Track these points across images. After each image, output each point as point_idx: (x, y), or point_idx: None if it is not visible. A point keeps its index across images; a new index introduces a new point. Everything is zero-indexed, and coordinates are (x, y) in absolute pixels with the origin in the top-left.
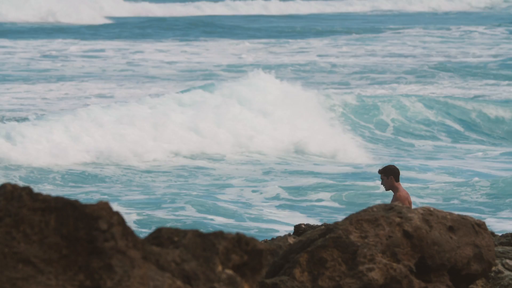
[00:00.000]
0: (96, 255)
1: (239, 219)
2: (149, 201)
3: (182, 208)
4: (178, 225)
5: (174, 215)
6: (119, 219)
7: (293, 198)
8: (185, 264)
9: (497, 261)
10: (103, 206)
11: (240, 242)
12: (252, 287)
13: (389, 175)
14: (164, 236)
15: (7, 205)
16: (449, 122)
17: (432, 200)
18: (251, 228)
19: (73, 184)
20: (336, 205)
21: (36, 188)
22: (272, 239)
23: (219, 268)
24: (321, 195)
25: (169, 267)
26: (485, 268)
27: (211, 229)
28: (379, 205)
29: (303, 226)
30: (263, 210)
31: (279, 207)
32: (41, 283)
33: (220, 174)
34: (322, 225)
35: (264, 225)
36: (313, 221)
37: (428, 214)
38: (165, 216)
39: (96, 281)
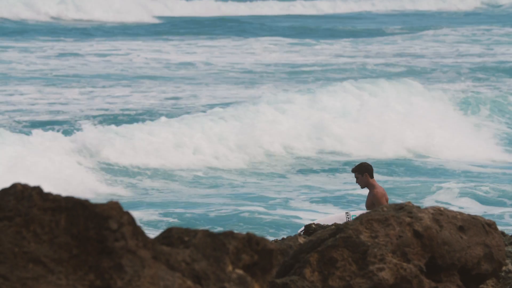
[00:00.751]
0: (106, 255)
1: None
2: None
3: None
4: None
5: None
6: (129, 219)
7: None
8: (195, 264)
9: (507, 261)
10: (113, 206)
11: (251, 241)
12: (263, 287)
13: (364, 172)
14: (174, 236)
15: (17, 204)
16: None
17: None
18: None
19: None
20: None
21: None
22: (283, 238)
23: (230, 268)
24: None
25: (179, 267)
26: (496, 267)
27: None
28: (390, 204)
29: (313, 225)
30: None
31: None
32: (52, 282)
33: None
34: (332, 225)
35: None
36: None
37: (439, 213)
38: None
39: (106, 280)
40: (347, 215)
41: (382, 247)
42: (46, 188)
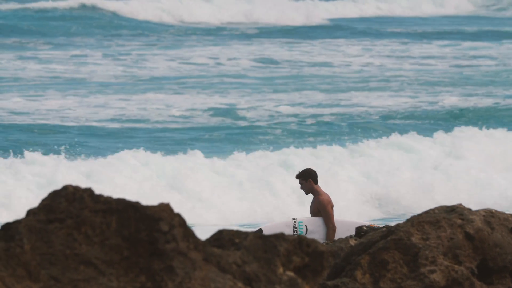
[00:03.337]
0: (157, 257)
1: None
2: None
3: None
4: None
5: None
6: (180, 221)
7: None
8: (246, 266)
9: None
10: (164, 208)
11: (301, 244)
12: None
13: (307, 178)
14: (225, 238)
15: (68, 206)
16: None
17: None
18: None
19: None
20: None
21: None
22: (333, 241)
23: (280, 270)
24: None
25: (230, 269)
26: None
27: None
28: (441, 206)
29: (364, 228)
30: None
31: None
32: (103, 284)
33: None
34: (383, 226)
35: None
36: None
37: (490, 216)
38: None
39: (158, 282)
40: (294, 221)
41: (434, 249)
42: None
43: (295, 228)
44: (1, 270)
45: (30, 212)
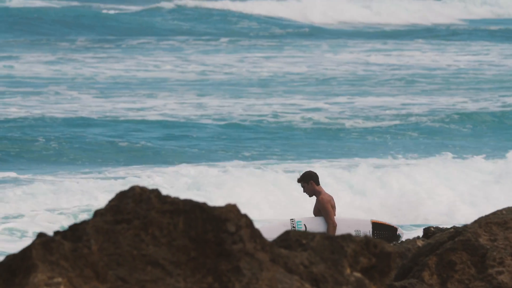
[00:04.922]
0: (225, 258)
1: None
2: None
3: None
4: None
5: None
6: (247, 222)
7: None
8: (314, 267)
9: None
10: (231, 209)
11: (369, 245)
12: None
13: (309, 180)
14: (292, 239)
15: (135, 207)
16: None
17: None
18: None
19: None
20: None
21: None
22: (401, 242)
23: (348, 270)
24: None
25: (297, 269)
26: None
27: None
28: (508, 207)
29: (432, 229)
30: None
31: None
32: (170, 285)
33: None
34: (451, 228)
35: None
36: None
37: None
38: None
39: (225, 283)
40: (292, 221)
41: (501, 250)
42: None
43: (293, 227)
44: (69, 270)
45: (97, 213)
